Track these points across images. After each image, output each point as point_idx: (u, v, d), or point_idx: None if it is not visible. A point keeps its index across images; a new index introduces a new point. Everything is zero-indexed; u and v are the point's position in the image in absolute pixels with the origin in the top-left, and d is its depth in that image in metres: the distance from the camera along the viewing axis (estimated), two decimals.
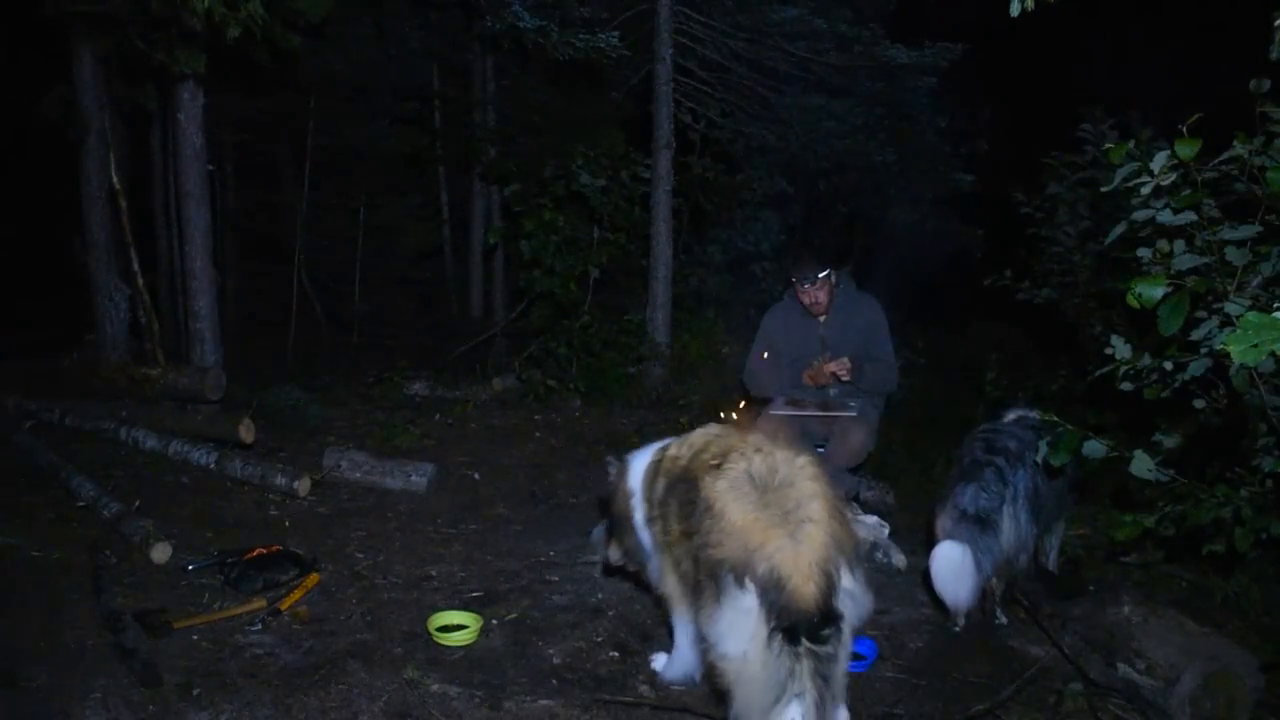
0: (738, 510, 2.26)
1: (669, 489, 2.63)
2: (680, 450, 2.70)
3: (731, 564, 2.20)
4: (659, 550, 2.71)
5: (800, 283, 4.48)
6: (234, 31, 4.55)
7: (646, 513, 2.79)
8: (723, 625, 2.22)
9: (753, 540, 2.19)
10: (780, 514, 2.23)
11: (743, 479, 2.33)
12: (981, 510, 3.19)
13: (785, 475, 2.33)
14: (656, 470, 2.77)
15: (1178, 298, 2.38)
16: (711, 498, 2.33)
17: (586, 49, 6.94)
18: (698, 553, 2.33)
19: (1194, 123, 2.45)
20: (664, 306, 7.72)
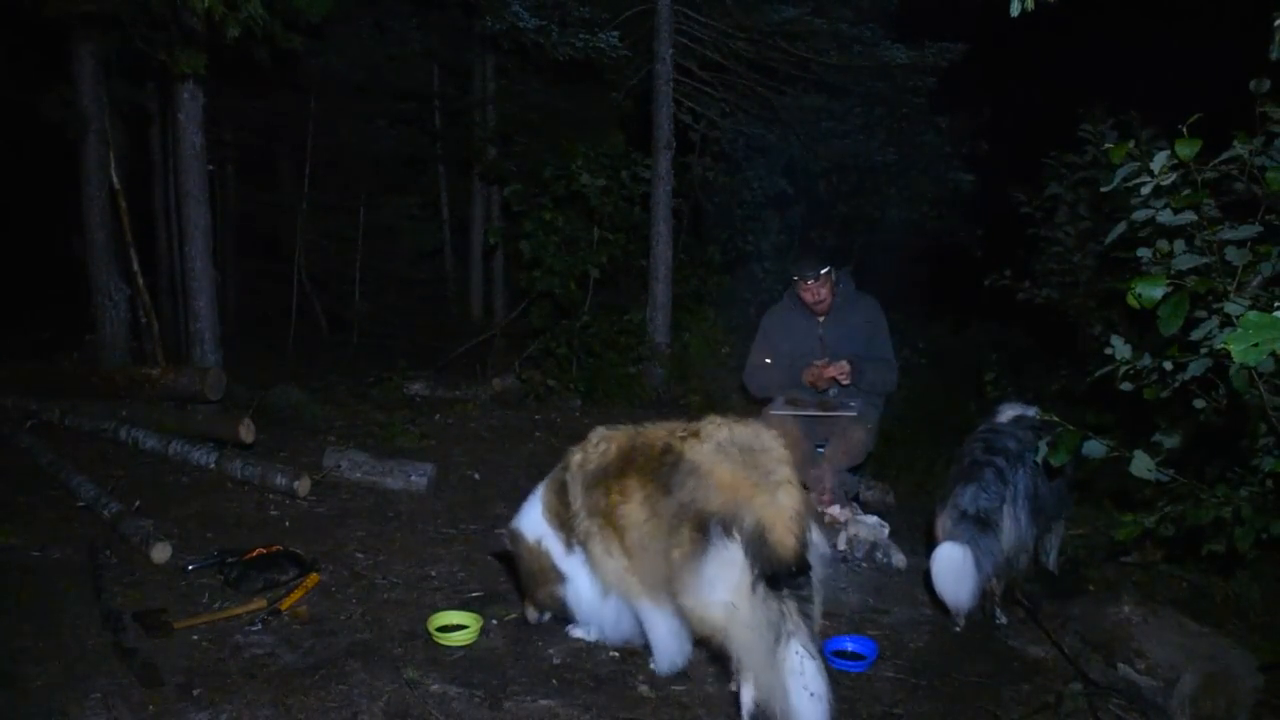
0: (725, 470, 2.48)
1: (595, 485, 2.76)
2: (588, 453, 2.85)
3: (721, 516, 2.40)
4: (600, 552, 2.76)
5: (803, 279, 4.48)
6: (234, 31, 4.56)
7: (569, 535, 2.89)
8: (708, 574, 2.41)
9: (741, 495, 2.41)
10: (762, 474, 2.46)
11: (727, 443, 2.55)
12: (982, 510, 3.19)
13: (761, 442, 2.56)
14: (562, 491, 2.89)
15: (1178, 298, 2.38)
16: (698, 460, 2.52)
17: (586, 49, 6.94)
18: (677, 511, 2.49)
19: (1194, 123, 2.45)
20: (664, 306, 7.72)
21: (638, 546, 2.65)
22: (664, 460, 2.62)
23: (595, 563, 2.80)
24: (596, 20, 7.26)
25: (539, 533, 2.99)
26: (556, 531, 2.94)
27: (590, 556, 2.81)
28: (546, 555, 2.97)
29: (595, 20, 7.24)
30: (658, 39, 7.45)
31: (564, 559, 2.94)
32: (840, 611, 3.46)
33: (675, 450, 2.61)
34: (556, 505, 2.93)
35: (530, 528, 3.02)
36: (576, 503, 2.83)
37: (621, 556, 2.71)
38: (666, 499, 2.55)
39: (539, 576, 3.01)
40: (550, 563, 2.97)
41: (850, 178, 9.42)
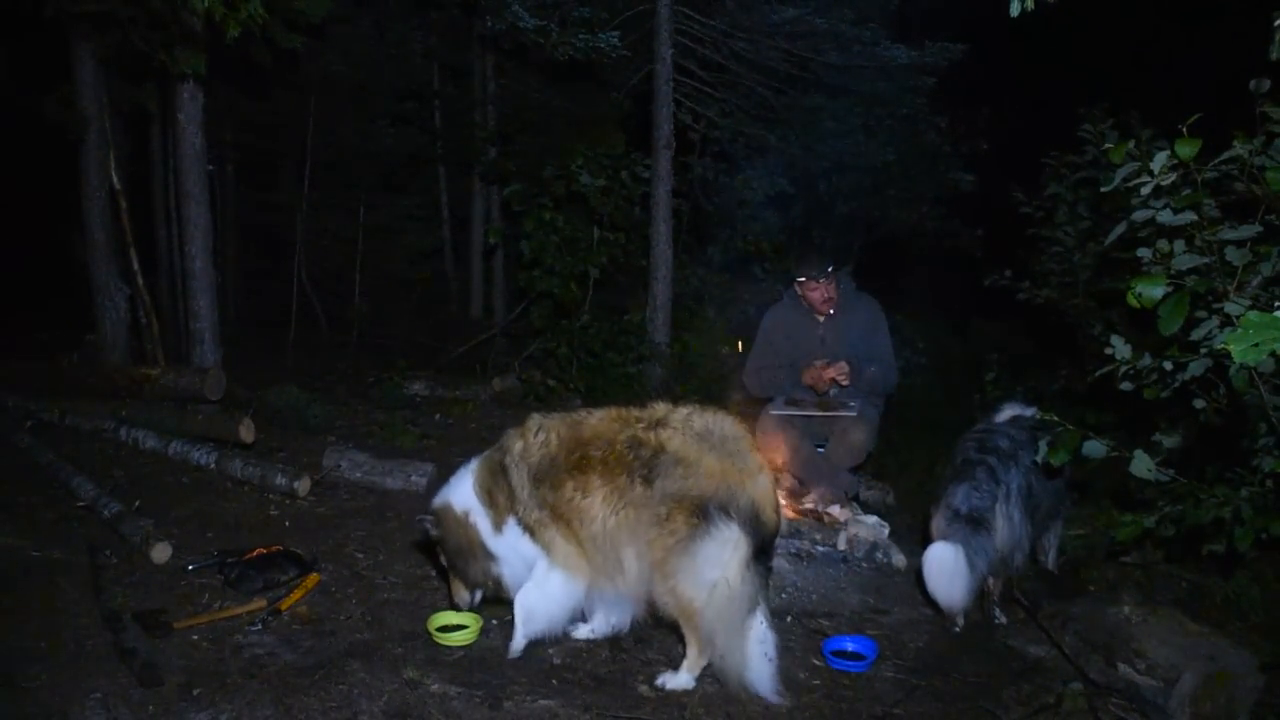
0: (712, 458, 2.69)
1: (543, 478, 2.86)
2: (528, 442, 2.93)
3: (718, 500, 2.62)
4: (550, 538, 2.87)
5: (809, 280, 4.49)
6: (234, 31, 4.56)
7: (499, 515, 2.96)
8: (707, 553, 2.61)
9: (733, 480, 2.66)
10: (743, 460, 2.72)
11: (704, 433, 2.75)
12: (974, 510, 3.20)
13: (731, 429, 2.79)
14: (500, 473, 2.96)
15: (1178, 298, 2.38)
16: (682, 451, 2.71)
17: (586, 49, 6.94)
18: (664, 500, 2.66)
19: (1194, 123, 2.45)
20: (664, 306, 7.71)
21: (600, 539, 2.76)
22: (638, 454, 2.73)
23: (547, 547, 2.89)
24: (596, 20, 7.26)
25: (467, 506, 3.03)
26: (486, 509, 2.99)
27: (540, 542, 2.90)
28: (474, 530, 3.01)
29: (595, 20, 7.24)
30: (658, 39, 7.45)
31: (491, 537, 2.99)
32: (840, 611, 3.47)
33: (650, 443, 2.74)
34: (491, 485, 2.99)
35: (460, 500, 3.05)
36: (522, 491, 2.90)
37: (574, 545, 2.83)
38: (647, 490, 2.68)
39: (467, 551, 3.03)
40: (478, 538, 3.00)
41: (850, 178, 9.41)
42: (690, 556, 2.62)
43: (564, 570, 2.87)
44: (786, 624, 3.33)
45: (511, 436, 3.00)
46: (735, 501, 2.63)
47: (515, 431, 3.01)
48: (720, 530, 2.62)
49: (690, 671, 2.78)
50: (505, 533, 2.96)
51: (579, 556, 2.84)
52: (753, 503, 2.64)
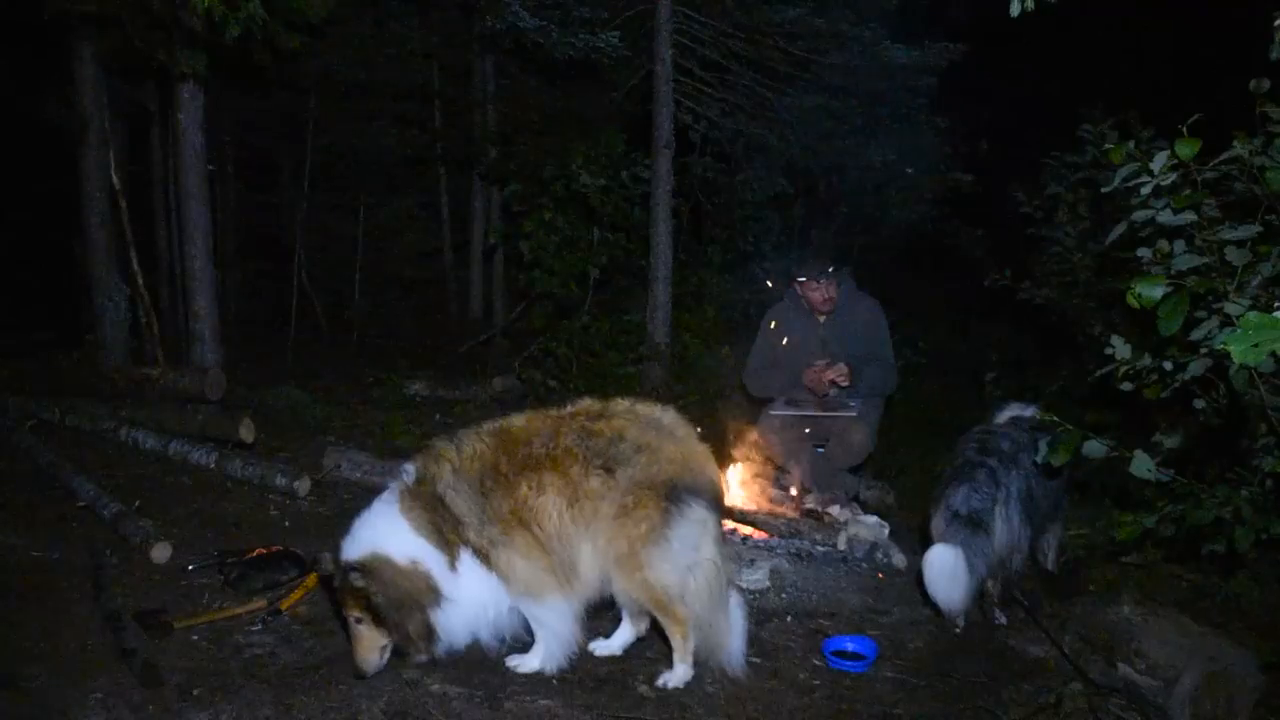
0: (669, 443, 2.74)
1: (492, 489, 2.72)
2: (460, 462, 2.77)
3: (685, 483, 2.67)
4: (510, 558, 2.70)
5: (810, 280, 4.49)
6: (234, 31, 4.56)
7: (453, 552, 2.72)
8: (681, 538, 2.65)
9: (692, 462, 2.73)
10: (693, 443, 2.80)
11: (653, 420, 2.80)
12: (974, 511, 3.20)
13: (672, 417, 2.85)
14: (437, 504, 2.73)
15: (1178, 298, 2.38)
16: (640, 437, 2.72)
17: (586, 49, 6.93)
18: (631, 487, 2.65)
19: (1194, 123, 2.45)
20: (664, 306, 7.71)
21: (554, 539, 2.68)
22: (590, 445, 2.71)
23: (507, 570, 2.71)
24: (596, 20, 7.25)
25: (414, 553, 2.71)
26: (438, 550, 2.72)
27: (499, 566, 2.71)
28: (425, 577, 2.71)
29: (595, 20, 7.23)
30: (658, 39, 7.44)
31: (447, 577, 2.72)
32: (840, 611, 3.47)
33: (604, 433, 2.73)
34: (437, 521, 2.72)
35: (401, 548, 2.72)
36: (470, 514, 2.70)
37: (540, 555, 2.68)
38: (609, 479, 2.65)
39: (410, 603, 2.71)
40: (429, 584, 2.71)
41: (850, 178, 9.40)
42: (665, 543, 2.63)
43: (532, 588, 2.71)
44: (787, 624, 3.34)
45: (430, 464, 2.79)
46: (700, 483, 2.69)
47: (428, 460, 2.81)
48: (692, 511, 2.65)
49: (684, 663, 2.78)
50: (461, 570, 2.73)
51: (545, 566, 2.69)
52: (712, 482, 2.75)
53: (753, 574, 3.64)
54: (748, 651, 2.87)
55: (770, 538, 4.01)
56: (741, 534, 4.05)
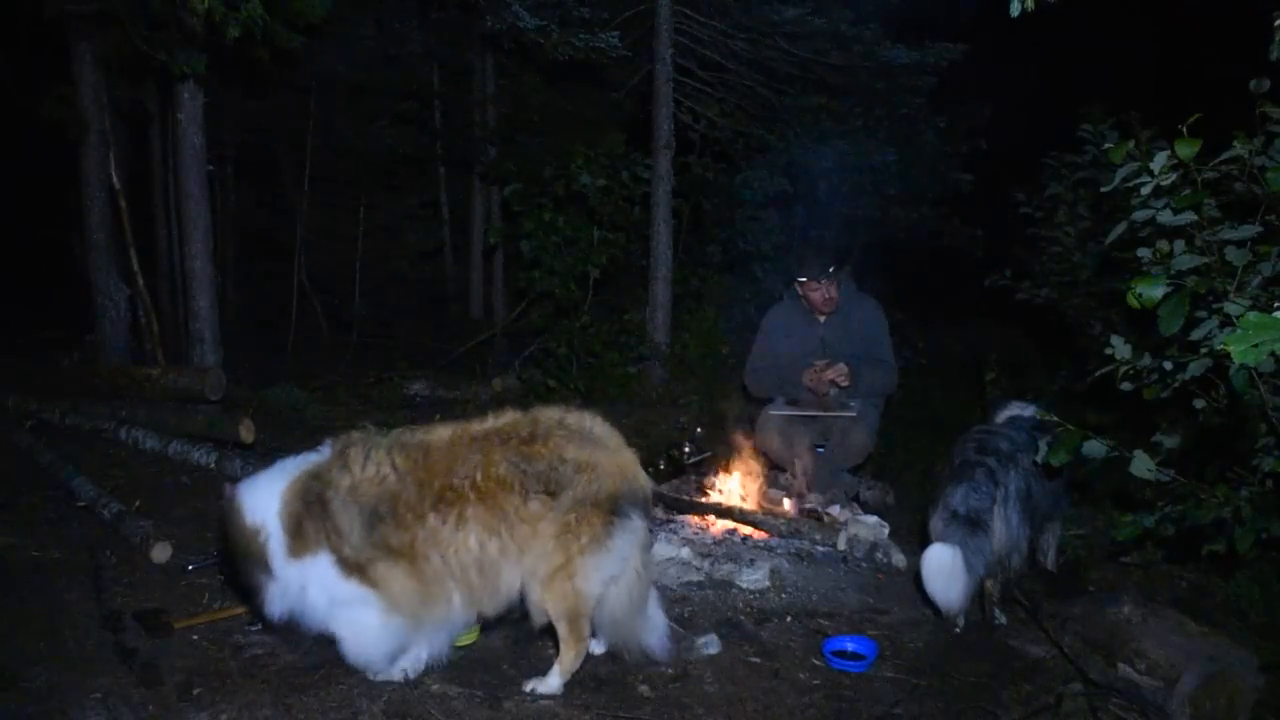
0: (607, 457, 2.74)
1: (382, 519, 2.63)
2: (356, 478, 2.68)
3: (626, 495, 2.70)
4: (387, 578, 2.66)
5: (810, 280, 4.49)
6: (234, 31, 4.56)
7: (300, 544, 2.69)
8: (618, 548, 2.69)
9: (628, 472, 2.75)
10: (624, 451, 2.80)
11: (586, 434, 2.77)
12: (972, 511, 3.19)
13: (601, 426, 2.84)
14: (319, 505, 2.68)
15: (1178, 298, 2.38)
16: (580, 456, 2.69)
17: (586, 49, 6.93)
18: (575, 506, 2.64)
19: (1194, 123, 2.45)
20: (664, 306, 7.71)
21: (473, 568, 2.63)
22: (528, 470, 2.64)
23: (375, 584, 2.67)
24: (596, 20, 7.25)
25: (261, 524, 2.72)
26: (285, 535, 2.70)
27: (368, 580, 2.67)
28: (260, 547, 2.71)
29: (595, 20, 7.23)
30: (658, 39, 7.44)
31: (282, 561, 2.71)
32: (840, 611, 3.47)
33: (544, 456, 2.66)
34: (302, 514, 2.69)
35: (254, 512, 2.74)
36: (351, 533, 2.65)
37: (414, 581, 2.66)
38: (550, 502, 2.63)
39: (245, 556, 2.74)
40: (262, 555, 2.72)
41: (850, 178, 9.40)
42: (605, 553, 2.67)
43: (389, 608, 2.68)
44: (786, 624, 3.34)
45: (334, 464, 2.73)
46: (635, 491, 2.74)
47: (336, 456, 2.75)
48: (631, 522, 2.71)
49: (562, 676, 2.75)
50: (306, 563, 2.69)
51: (414, 593, 2.66)
52: (644, 489, 2.79)
53: (753, 574, 3.64)
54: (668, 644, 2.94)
55: (770, 538, 4.01)
56: (741, 534, 4.06)
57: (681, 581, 3.63)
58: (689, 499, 4.31)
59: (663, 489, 4.40)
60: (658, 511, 4.22)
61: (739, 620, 3.34)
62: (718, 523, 4.14)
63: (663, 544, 3.83)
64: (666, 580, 3.63)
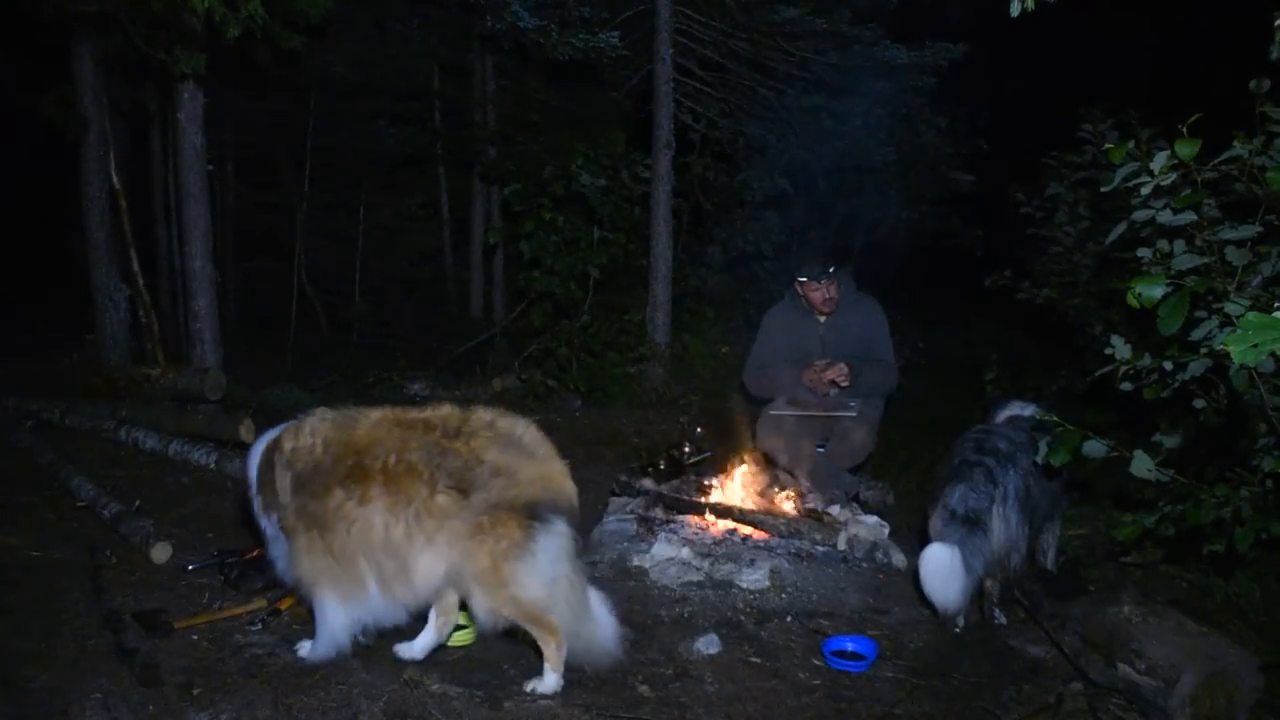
0: (529, 465, 2.73)
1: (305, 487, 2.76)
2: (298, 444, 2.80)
3: (546, 503, 2.69)
4: (305, 548, 2.78)
5: (810, 280, 4.49)
6: (234, 31, 4.57)
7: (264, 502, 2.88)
8: (544, 555, 2.68)
9: (551, 482, 2.74)
10: (552, 460, 2.81)
11: (512, 439, 2.77)
12: (971, 511, 3.19)
13: (532, 433, 2.83)
14: (270, 467, 2.85)
15: (1178, 298, 2.38)
16: (498, 461, 2.70)
17: (586, 49, 6.93)
18: (489, 509, 2.64)
19: (1194, 123, 2.45)
20: (664, 306, 7.71)
21: (378, 548, 2.69)
22: (442, 464, 2.66)
23: (295, 555, 2.80)
24: (596, 20, 7.26)
25: (249, 477, 2.96)
26: (257, 492, 2.92)
27: (292, 549, 2.81)
28: (250, 501, 2.97)
29: (595, 20, 7.24)
30: (658, 39, 7.44)
31: (260, 515, 2.93)
32: (840, 611, 3.47)
33: (462, 453, 2.68)
34: (265, 472, 2.89)
35: (247, 466, 2.99)
36: (284, 495, 2.80)
37: (324, 560, 2.75)
38: (461, 500, 2.64)
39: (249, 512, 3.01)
40: (251, 509, 2.97)
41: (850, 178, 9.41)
42: (530, 559, 2.65)
43: (312, 577, 2.79)
44: (786, 624, 3.34)
45: (288, 432, 2.88)
46: (559, 501, 2.72)
47: (295, 425, 2.89)
48: (554, 527, 2.69)
49: (555, 671, 2.77)
50: (270, 519, 2.90)
51: (330, 566, 2.75)
52: (570, 500, 2.77)
53: (753, 574, 3.64)
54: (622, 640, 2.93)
55: (770, 538, 4.01)
56: (741, 534, 4.05)
57: (681, 581, 3.63)
58: (689, 499, 4.31)
59: (663, 489, 4.40)
60: (658, 511, 4.22)
61: (739, 620, 3.34)
62: (718, 523, 4.14)
63: (663, 544, 3.83)
64: (666, 580, 3.63)
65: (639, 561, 3.77)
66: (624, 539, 3.98)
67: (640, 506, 4.27)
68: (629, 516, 4.17)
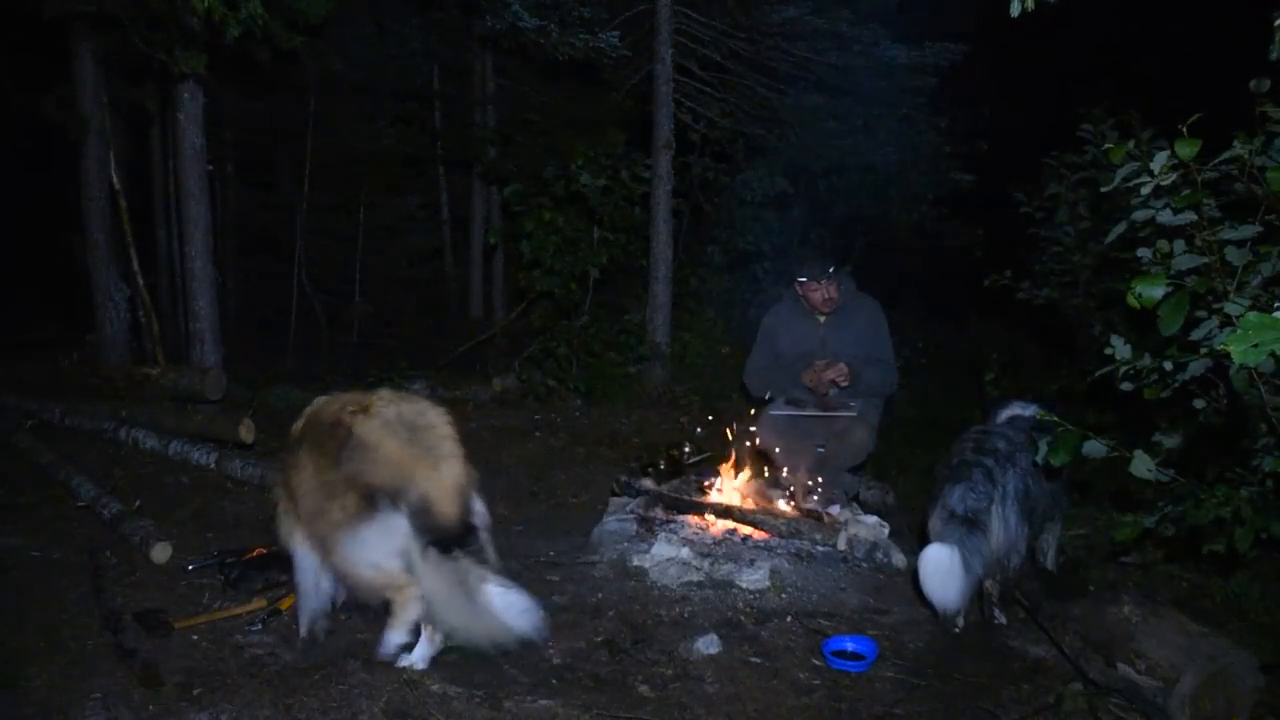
0: (392, 446, 2.70)
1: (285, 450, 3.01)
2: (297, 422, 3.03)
3: (388, 489, 2.65)
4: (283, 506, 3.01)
5: (810, 281, 4.49)
6: (234, 31, 4.57)
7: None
8: (365, 538, 2.69)
9: (406, 470, 2.66)
10: (425, 450, 2.71)
11: (395, 420, 2.76)
12: (970, 511, 3.19)
13: (426, 419, 2.80)
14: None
15: (1178, 298, 2.38)
16: (366, 436, 2.71)
17: (586, 49, 6.93)
18: (343, 482, 2.70)
19: (1194, 123, 2.45)
20: (664, 306, 7.72)
21: (308, 512, 2.84)
22: (334, 435, 2.78)
23: (279, 513, 3.02)
24: (596, 20, 7.25)
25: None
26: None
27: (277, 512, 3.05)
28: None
29: (595, 20, 7.24)
30: (658, 39, 7.45)
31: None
32: (840, 611, 3.47)
33: (345, 425, 2.77)
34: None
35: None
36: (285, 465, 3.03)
37: (291, 516, 2.95)
38: (335, 471, 2.73)
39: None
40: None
41: (850, 178, 9.41)
42: (351, 537, 2.70)
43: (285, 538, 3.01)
44: (786, 624, 3.34)
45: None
46: (404, 492, 2.65)
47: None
48: (385, 518, 2.66)
49: (399, 628, 2.84)
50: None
51: (292, 525, 2.95)
52: (424, 497, 2.65)
53: (753, 574, 3.63)
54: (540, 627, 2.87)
55: (770, 538, 4.01)
56: (741, 534, 4.05)
57: (681, 581, 3.63)
58: (689, 499, 4.31)
59: (663, 489, 4.40)
60: (658, 511, 4.22)
61: (739, 620, 3.34)
62: (718, 523, 4.14)
63: (663, 544, 3.83)
64: (666, 580, 3.63)
65: (639, 561, 3.77)
66: (624, 539, 3.98)
67: (640, 506, 4.27)
68: (629, 516, 4.17)
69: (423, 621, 2.91)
